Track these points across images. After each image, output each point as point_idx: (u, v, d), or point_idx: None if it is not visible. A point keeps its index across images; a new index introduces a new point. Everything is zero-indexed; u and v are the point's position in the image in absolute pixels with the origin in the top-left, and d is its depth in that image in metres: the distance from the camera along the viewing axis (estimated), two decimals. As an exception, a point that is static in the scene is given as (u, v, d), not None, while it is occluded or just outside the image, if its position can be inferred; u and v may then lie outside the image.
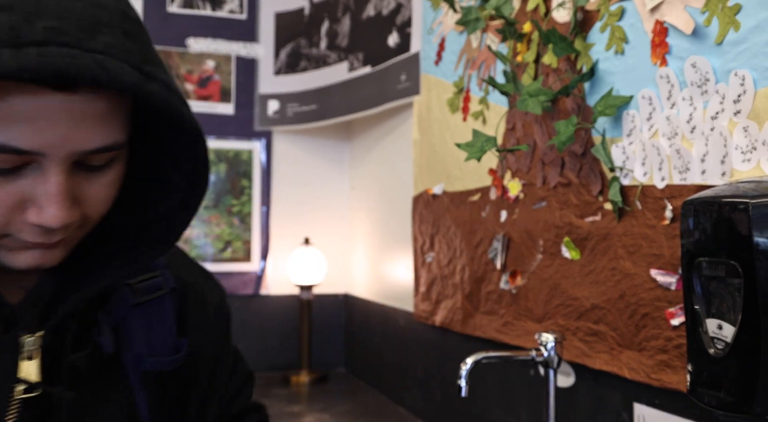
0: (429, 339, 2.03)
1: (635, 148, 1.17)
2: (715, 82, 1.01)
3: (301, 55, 2.83)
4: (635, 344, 1.16)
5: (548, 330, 1.35)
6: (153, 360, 0.76)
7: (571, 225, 1.34)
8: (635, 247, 1.16)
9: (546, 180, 1.43)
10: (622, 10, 1.22)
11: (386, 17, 2.35)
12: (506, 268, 1.58)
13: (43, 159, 0.58)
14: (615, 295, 1.21)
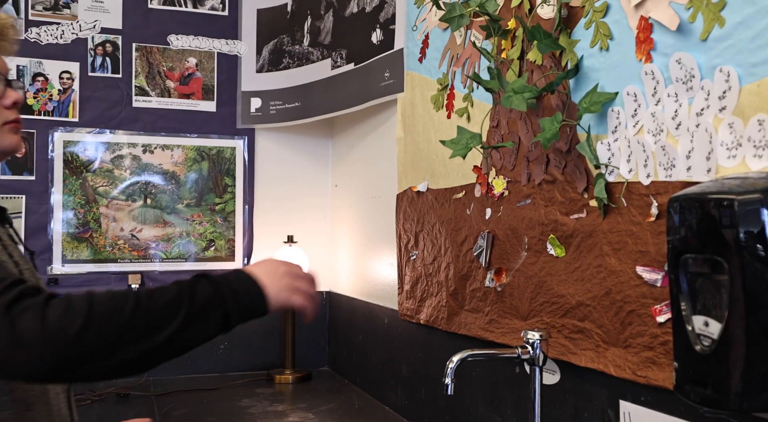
0: (413, 337, 2.03)
1: (620, 145, 1.17)
2: (700, 79, 1.01)
3: (283, 52, 2.81)
4: (621, 341, 1.16)
5: (534, 328, 1.34)
6: None
7: (557, 222, 1.34)
8: (621, 244, 1.16)
9: (531, 177, 1.43)
10: (606, 6, 1.21)
11: (369, 14, 2.34)
12: (491, 266, 1.58)
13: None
14: (600, 292, 1.21)
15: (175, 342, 0.91)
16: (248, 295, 0.98)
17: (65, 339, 0.85)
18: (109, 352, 0.87)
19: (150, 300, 0.90)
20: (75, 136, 2.63)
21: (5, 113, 1.12)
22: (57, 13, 2.62)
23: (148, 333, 0.89)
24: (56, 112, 2.61)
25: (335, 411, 2.19)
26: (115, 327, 0.87)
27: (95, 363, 0.87)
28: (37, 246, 2.55)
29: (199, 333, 0.93)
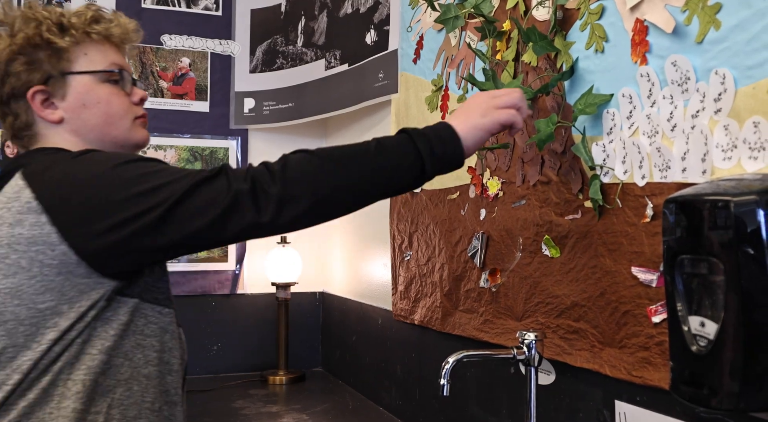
0: (408, 338, 2.03)
1: (615, 146, 1.18)
2: (695, 81, 1.02)
3: (277, 53, 2.81)
4: (616, 341, 1.16)
5: (529, 328, 1.35)
6: None
7: (551, 223, 1.34)
8: (616, 245, 1.17)
9: (526, 178, 1.43)
10: (602, 8, 1.22)
11: (364, 15, 2.34)
12: (486, 266, 1.58)
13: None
14: (595, 293, 1.21)
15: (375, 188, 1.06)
16: (437, 133, 1.08)
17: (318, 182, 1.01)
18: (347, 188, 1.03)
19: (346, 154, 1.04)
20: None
21: (134, 109, 1.22)
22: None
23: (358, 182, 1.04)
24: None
25: (329, 412, 2.19)
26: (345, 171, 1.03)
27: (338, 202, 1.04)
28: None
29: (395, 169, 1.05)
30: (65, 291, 1.02)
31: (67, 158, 1.06)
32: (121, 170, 1.02)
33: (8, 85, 1.15)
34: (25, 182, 1.05)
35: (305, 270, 2.80)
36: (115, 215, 0.99)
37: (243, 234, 1.01)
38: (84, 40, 1.16)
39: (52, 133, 1.16)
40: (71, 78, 1.15)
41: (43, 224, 1.00)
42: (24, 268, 1.01)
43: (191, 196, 0.99)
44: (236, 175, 1.00)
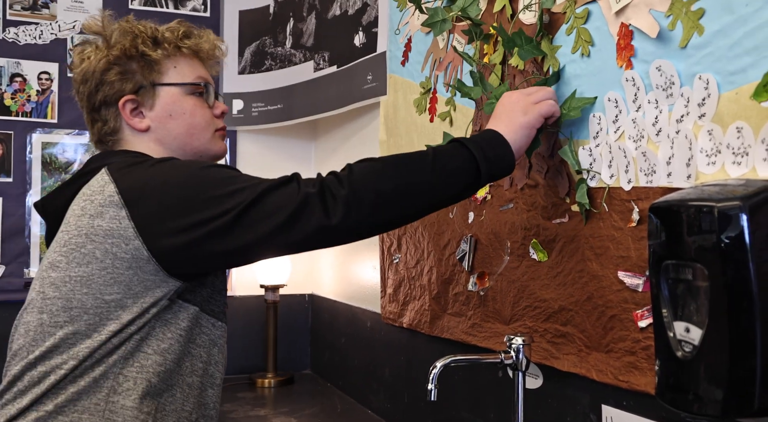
0: (396, 341, 2.03)
1: (602, 151, 1.18)
2: (680, 86, 1.02)
3: (265, 54, 2.80)
4: (603, 346, 1.16)
5: (516, 332, 1.35)
6: None
7: (539, 226, 1.34)
8: (602, 249, 1.17)
9: (513, 182, 1.43)
10: (587, 12, 1.22)
11: (352, 17, 2.34)
12: (474, 270, 1.58)
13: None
14: (583, 297, 1.21)
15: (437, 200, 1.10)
16: (486, 138, 1.13)
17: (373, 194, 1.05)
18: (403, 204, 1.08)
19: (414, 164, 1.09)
20: (53, 137, 2.60)
21: (216, 121, 1.30)
22: (36, 12, 2.59)
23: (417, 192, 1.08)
24: (34, 113, 2.58)
25: (317, 415, 2.18)
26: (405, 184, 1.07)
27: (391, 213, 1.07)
28: (14, 249, 2.52)
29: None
30: (132, 286, 1.07)
31: (152, 161, 1.12)
32: (199, 174, 1.08)
33: (101, 92, 1.22)
34: (110, 177, 1.10)
35: (294, 272, 2.79)
36: (190, 216, 1.03)
37: (312, 238, 1.04)
38: (175, 54, 1.25)
39: (138, 140, 1.24)
40: (160, 89, 1.24)
41: (122, 218, 1.06)
42: (98, 258, 1.06)
43: (262, 200, 1.03)
44: (306, 181, 1.06)
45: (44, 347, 1.07)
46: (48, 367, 1.07)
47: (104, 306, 1.07)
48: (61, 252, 1.10)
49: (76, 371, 1.06)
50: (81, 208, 1.10)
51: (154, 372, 1.09)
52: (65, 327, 1.07)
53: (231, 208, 1.03)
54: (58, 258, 1.10)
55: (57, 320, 1.08)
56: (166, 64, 1.24)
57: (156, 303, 1.08)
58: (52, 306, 1.08)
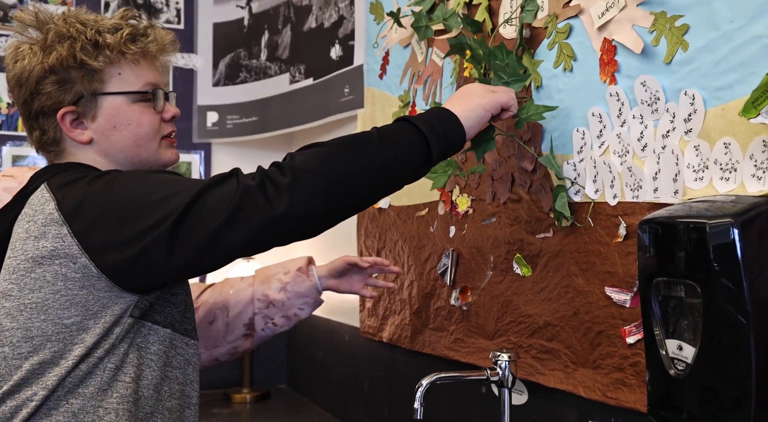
0: (376, 356, 2.01)
1: (586, 165, 1.18)
2: (665, 101, 1.02)
3: (240, 67, 2.77)
4: (590, 362, 1.16)
5: (501, 348, 1.34)
6: None
7: (523, 241, 1.34)
8: (588, 264, 1.16)
9: (496, 196, 1.43)
10: (569, 27, 1.22)
11: (328, 29, 2.33)
12: (456, 284, 1.57)
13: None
14: (568, 312, 1.21)
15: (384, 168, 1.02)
16: (436, 116, 1.07)
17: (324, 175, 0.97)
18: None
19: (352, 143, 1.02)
20: (24, 150, 2.55)
21: (164, 127, 1.19)
22: (7, 24, 2.54)
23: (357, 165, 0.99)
24: (5, 126, 2.53)
25: (297, 432, 2.15)
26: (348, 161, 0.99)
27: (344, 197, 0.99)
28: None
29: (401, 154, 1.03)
30: (89, 306, 1.01)
31: (94, 175, 1.06)
32: (136, 182, 1.02)
33: (37, 102, 1.12)
34: (50, 194, 1.05)
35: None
36: (129, 226, 0.98)
37: (260, 233, 0.96)
38: (118, 60, 1.14)
39: (81, 152, 1.15)
40: (103, 99, 1.13)
41: (64, 236, 1.00)
42: (49, 282, 1.01)
43: (200, 201, 0.96)
44: (246, 175, 0.99)
45: (12, 381, 1.01)
46: (19, 401, 1.01)
47: (65, 331, 1.01)
48: (11, 279, 1.04)
49: (49, 402, 1.01)
50: (25, 230, 1.04)
51: (134, 401, 1.04)
52: (30, 358, 1.01)
53: (169, 213, 0.96)
54: (9, 286, 1.04)
55: (20, 351, 1.02)
56: (108, 71, 1.13)
57: (118, 322, 1.03)
58: (12, 337, 1.02)
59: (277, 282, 1.53)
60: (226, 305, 1.52)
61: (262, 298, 1.52)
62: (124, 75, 1.14)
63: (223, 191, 0.96)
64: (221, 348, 1.53)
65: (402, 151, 1.02)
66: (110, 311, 1.02)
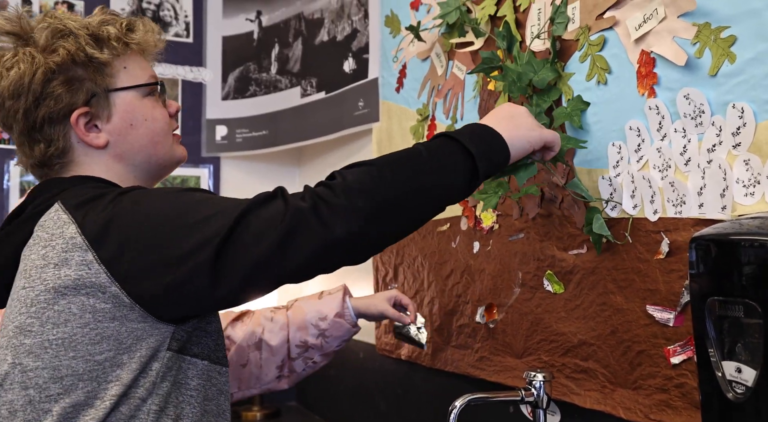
0: (393, 373, 1.97)
1: (623, 180, 1.15)
2: (710, 114, 0.99)
3: (250, 80, 2.75)
4: (630, 382, 1.12)
5: (532, 367, 1.30)
6: None
7: (554, 258, 1.30)
8: (627, 282, 1.13)
9: (524, 211, 1.40)
10: (603, 40, 1.20)
11: (341, 43, 2.31)
12: (481, 302, 1.53)
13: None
14: (605, 331, 1.17)
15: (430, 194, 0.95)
16: (484, 136, 1.00)
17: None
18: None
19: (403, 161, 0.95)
20: (31, 166, 2.51)
21: (172, 122, 1.12)
22: (12, 38, 2.51)
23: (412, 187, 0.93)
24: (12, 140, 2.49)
25: (311, 452, 2.11)
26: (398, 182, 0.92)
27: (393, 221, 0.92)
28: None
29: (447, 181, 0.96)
30: (122, 339, 0.91)
31: (117, 191, 0.96)
32: (168, 201, 0.93)
33: (44, 108, 1.02)
34: (69, 216, 0.94)
35: (280, 300, 2.72)
36: (164, 252, 0.88)
37: (315, 258, 0.88)
38: (124, 52, 1.06)
39: (93, 160, 1.05)
40: (115, 96, 1.05)
41: (89, 263, 0.90)
42: (75, 315, 0.91)
43: (244, 223, 0.87)
44: (293, 195, 0.91)
45: None
46: None
47: (98, 369, 0.91)
48: (30, 313, 0.92)
49: None
50: (42, 256, 0.93)
51: None
52: (61, 400, 0.90)
53: (210, 238, 0.87)
54: (28, 321, 0.92)
55: (49, 394, 0.91)
56: (115, 65, 1.05)
57: (155, 356, 0.93)
58: (37, 378, 0.91)
59: (314, 329, 1.50)
60: (259, 347, 1.48)
61: (301, 344, 1.50)
62: (129, 68, 1.07)
63: (269, 212, 0.88)
64: (254, 389, 1.49)
65: (451, 171, 0.95)
66: (145, 344, 0.92)
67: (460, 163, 0.96)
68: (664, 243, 1.06)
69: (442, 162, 0.95)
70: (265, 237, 0.86)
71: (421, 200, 0.94)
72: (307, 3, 2.53)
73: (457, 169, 0.96)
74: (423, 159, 0.94)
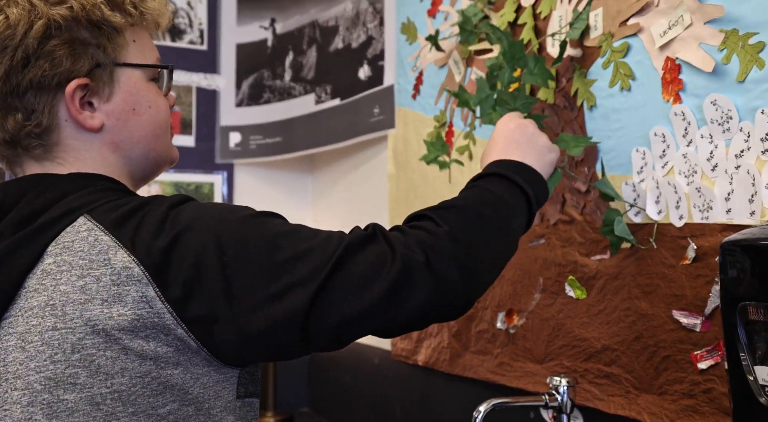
0: (410, 379, 1.97)
1: (647, 186, 1.15)
2: (738, 120, 1.00)
3: (264, 87, 2.77)
4: (655, 387, 1.12)
5: (554, 372, 1.31)
6: None
7: (576, 263, 1.31)
8: (652, 287, 1.13)
9: (544, 217, 1.40)
10: (627, 46, 1.20)
11: (356, 50, 2.32)
12: (501, 307, 1.54)
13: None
14: (630, 336, 1.18)
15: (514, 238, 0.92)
16: (529, 176, 0.97)
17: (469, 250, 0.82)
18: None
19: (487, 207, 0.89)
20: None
21: (170, 117, 0.95)
22: None
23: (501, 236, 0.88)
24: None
25: (326, 458, 2.11)
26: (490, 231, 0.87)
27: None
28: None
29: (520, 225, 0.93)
30: (187, 388, 0.76)
31: (167, 204, 0.79)
32: (243, 228, 0.77)
33: (34, 70, 0.81)
34: (110, 236, 0.75)
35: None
36: (245, 296, 0.74)
37: (421, 314, 0.78)
38: (139, 22, 0.89)
39: (84, 145, 0.86)
40: (121, 72, 0.86)
41: (152, 300, 0.73)
42: (134, 362, 0.74)
43: (347, 265, 0.75)
44: (396, 238, 0.79)
45: None
46: None
47: None
48: (71, 361, 0.73)
49: None
50: (80, 289, 0.74)
51: None
52: None
53: (304, 281, 0.73)
54: (69, 370, 0.73)
55: None
56: (127, 36, 0.87)
57: (225, 406, 0.79)
58: None
59: None
60: None
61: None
62: (139, 44, 0.89)
63: (374, 256, 0.76)
64: None
65: (521, 217, 0.93)
66: (212, 392, 0.78)
67: (524, 206, 0.93)
68: (691, 248, 1.06)
69: (516, 204, 0.92)
70: (369, 288, 0.75)
71: (510, 246, 0.90)
72: (322, 11, 2.54)
73: (522, 212, 0.93)
74: (509, 207, 0.90)
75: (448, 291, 0.78)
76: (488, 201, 0.89)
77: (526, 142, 1.01)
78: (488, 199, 0.89)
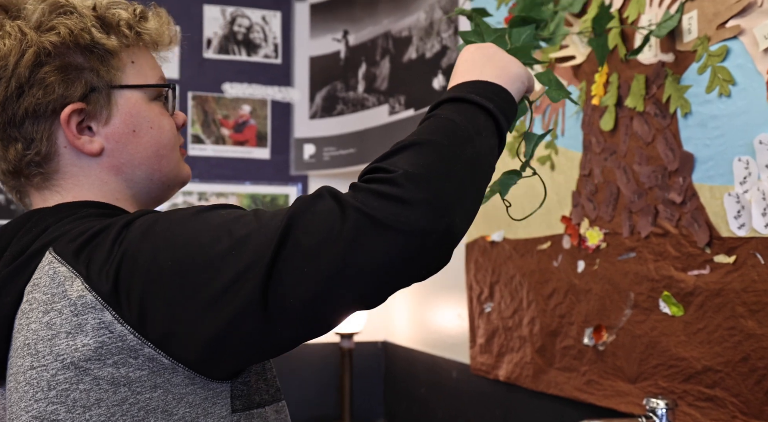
0: (489, 394, 1.93)
1: (752, 197, 1.09)
2: None
3: (337, 99, 2.78)
4: (766, 413, 1.06)
5: (649, 393, 1.25)
6: None
7: (671, 278, 1.25)
8: (760, 305, 1.07)
9: (635, 229, 1.35)
10: (726, 50, 1.14)
11: (430, 60, 2.30)
12: (588, 322, 1.48)
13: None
14: (735, 357, 1.11)
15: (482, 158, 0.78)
16: (490, 91, 0.84)
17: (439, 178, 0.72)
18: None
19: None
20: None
21: (179, 136, 0.92)
22: None
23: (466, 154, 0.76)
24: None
25: (405, 473, 2.08)
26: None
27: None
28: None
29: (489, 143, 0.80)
30: (171, 409, 0.73)
31: (119, 224, 0.75)
32: (188, 227, 0.73)
33: (29, 99, 0.81)
34: (67, 267, 0.73)
35: (369, 318, 2.72)
36: (199, 294, 0.69)
37: (391, 269, 0.69)
38: (135, 43, 0.87)
39: (83, 171, 0.85)
40: (118, 94, 0.85)
41: (110, 324, 0.71)
42: (107, 391, 0.72)
43: (293, 235, 0.68)
44: (346, 194, 0.71)
45: None
46: None
47: None
48: (50, 399, 0.72)
49: None
50: (46, 324, 0.73)
51: None
52: None
53: (251, 263, 0.68)
54: (49, 407, 0.72)
55: None
56: (123, 58, 0.85)
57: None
58: None
59: None
60: None
61: None
62: (138, 64, 0.87)
63: (317, 220, 0.68)
64: None
65: (487, 136, 0.80)
66: (200, 409, 0.75)
67: (489, 127, 0.80)
68: (804, 264, 1.00)
69: (474, 124, 0.79)
70: (323, 253, 0.67)
71: (479, 169, 0.78)
72: (395, 21, 2.53)
73: (488, 131, 0.80)
74: (457, 125, 0.78)
75: (415, 234, 0.68)
76: (439, 128, 0.77)
77: (486, 60, 0.88)
78: (439, 127, 0.78)
